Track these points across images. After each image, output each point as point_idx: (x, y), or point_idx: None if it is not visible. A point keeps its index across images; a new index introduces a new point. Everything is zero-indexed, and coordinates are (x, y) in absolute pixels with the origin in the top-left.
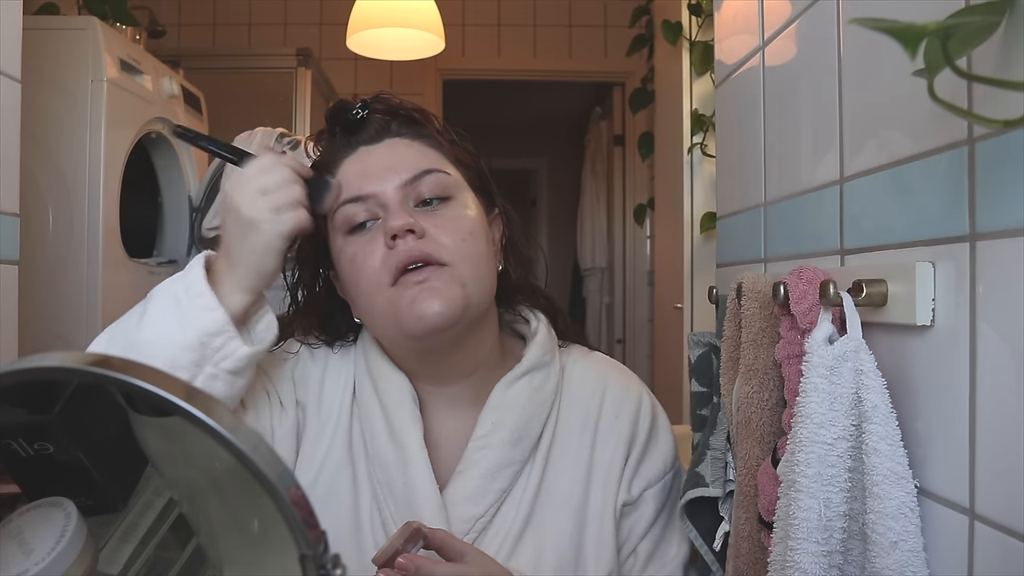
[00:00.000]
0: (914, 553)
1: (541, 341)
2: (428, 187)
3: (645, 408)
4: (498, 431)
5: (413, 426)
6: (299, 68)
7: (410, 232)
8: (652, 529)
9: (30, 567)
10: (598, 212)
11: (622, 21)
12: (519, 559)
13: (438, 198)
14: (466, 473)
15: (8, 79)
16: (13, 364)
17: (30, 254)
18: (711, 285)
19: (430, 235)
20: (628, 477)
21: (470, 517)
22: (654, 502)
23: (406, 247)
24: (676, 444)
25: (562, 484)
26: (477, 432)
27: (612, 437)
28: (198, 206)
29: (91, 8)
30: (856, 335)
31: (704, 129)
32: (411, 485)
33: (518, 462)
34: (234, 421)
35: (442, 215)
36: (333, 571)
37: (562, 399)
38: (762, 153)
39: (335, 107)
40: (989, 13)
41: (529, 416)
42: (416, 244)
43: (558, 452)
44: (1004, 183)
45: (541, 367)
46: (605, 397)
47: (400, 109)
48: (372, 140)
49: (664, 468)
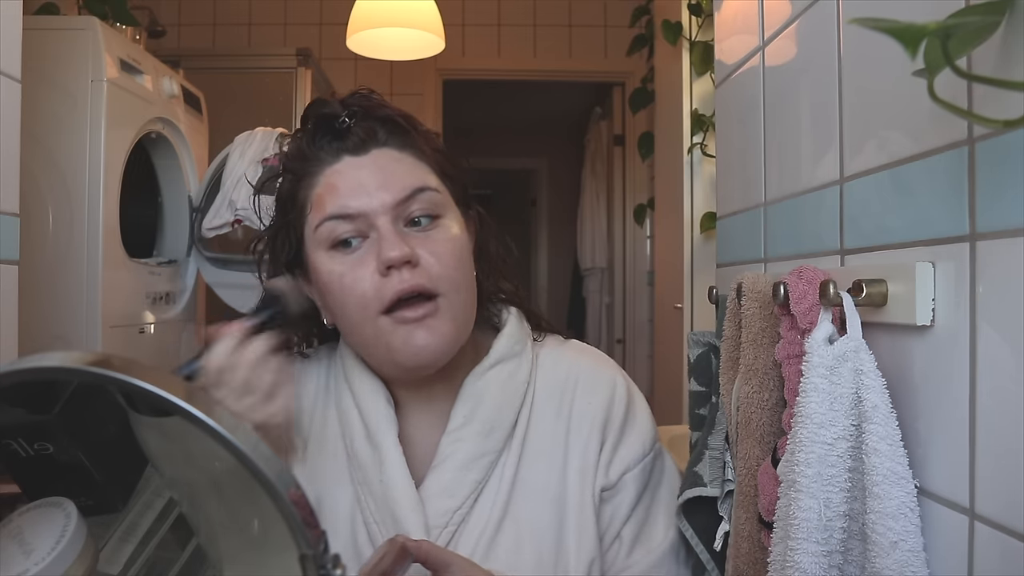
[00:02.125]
0: (914, 553)
1: (509, 332)
2: (419, 206)
3: (620, 392)
4: (470, 423)
5: (388, 427)
6: (299, 68)
7: (407, 263)
8: (635, 512)
9: (30, 567)
10: (598, 212)
11: (622, 21)
12: (498, 550)
13: (428, 216)
14: (441, 467)
15: (8, 79)
16: (13, 364)
17: (30, 254)
18: (711, 285)
19: (423, 264)
20: (605, 462)
21: (447, 510)
22: (634, 485)
23: (400, 278)
24: (655, 427)
25: (539, 473)
26: (450, 426)
27: (585, 423)
28: (198, 206)
29: (91, 8)
30: (856, 335)
31: (704, 129)
32: (388, 483)
33: (492, 452)
34: (234, 421)
35: (432, 238)
36: (333, 571)
37: (536, 388)
38: (762, 153)
39: (314, 107)
40: (989, 13)
41: (500, 406)
42: (411, 276)
43: (533, 441)
44: (1004, 183)
45: (511, 357)
46: (578, 383)
47: (386, 116)
48: (357, 150)
49: (643, 451)
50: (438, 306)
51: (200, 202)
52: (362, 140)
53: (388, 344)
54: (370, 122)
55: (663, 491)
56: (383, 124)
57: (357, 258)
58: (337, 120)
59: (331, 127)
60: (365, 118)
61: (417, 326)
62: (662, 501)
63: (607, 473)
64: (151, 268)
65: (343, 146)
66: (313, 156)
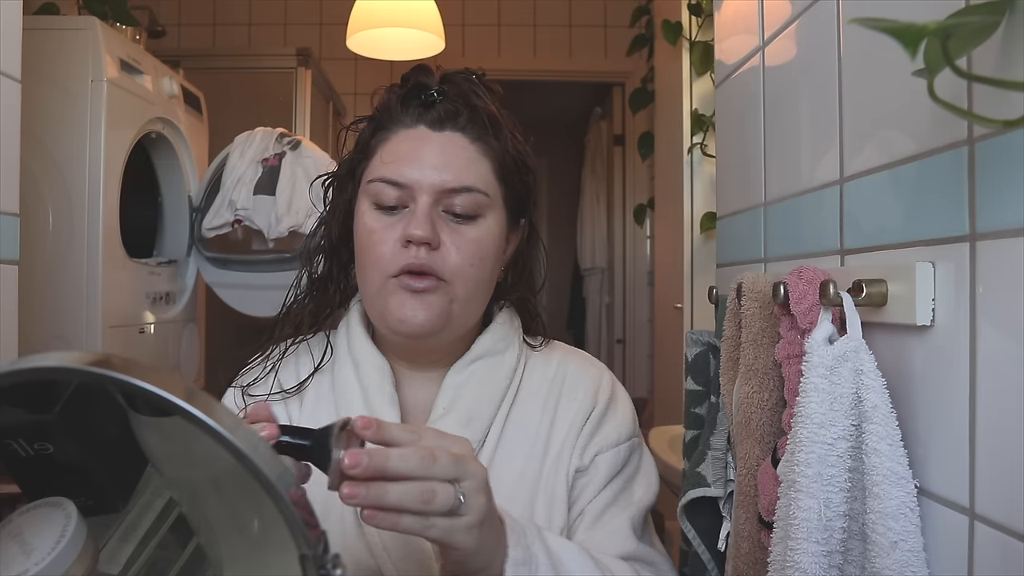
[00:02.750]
0: (914, 553)
1: (494, 330)
2: (462, 203)
3: (605, 384)
4: (449, 413)
5: (391, 409)
6: (299, 68)
7: (426, 244)
8: (603, 493)
9: (30, 567)
10: (598, 212)
11: (622, 21)
12: None
13: (468, 214)
14: None
15: (8, 79)
16: (13, 364)
17: (30, 254)
18: (711, 285)
19: (443, 251)
20: (582, 445)
21: None
22: (605, 466)
23: (416, 254)
24: (636, 424)
25: (517, 460)
26: (432, 416)
27: (569, 414)
28: (198, 206)
29: (91, 8)
30: (856, 335)
31: (704, 129)
32: None
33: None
34: (234, 421)
35: (462, 234)
36: (333, 571)
37: (521, 384)
38: (762, 153)
39: (416, 71)
40: (989, 13)
41: (479, 397)
42: (427, 256)
43: (511, 434)
44: (1004, 183)
45: (493, 354)
46: (565, 381)
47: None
48: (434, 125)
49: (618, 438)
50: (440, 287)
51: (200, 202)
52: (441, 117)
53: (385, 303)
54: (457, 104)
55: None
56: (468, 109)
57: (391, 223)
58: (428, 91)
59: (421, 94)
60: (455, 98)
61: (413, 296)
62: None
63: (582, 456)
64: (151, 268)
65: (424, 116)
66: (396, 114)
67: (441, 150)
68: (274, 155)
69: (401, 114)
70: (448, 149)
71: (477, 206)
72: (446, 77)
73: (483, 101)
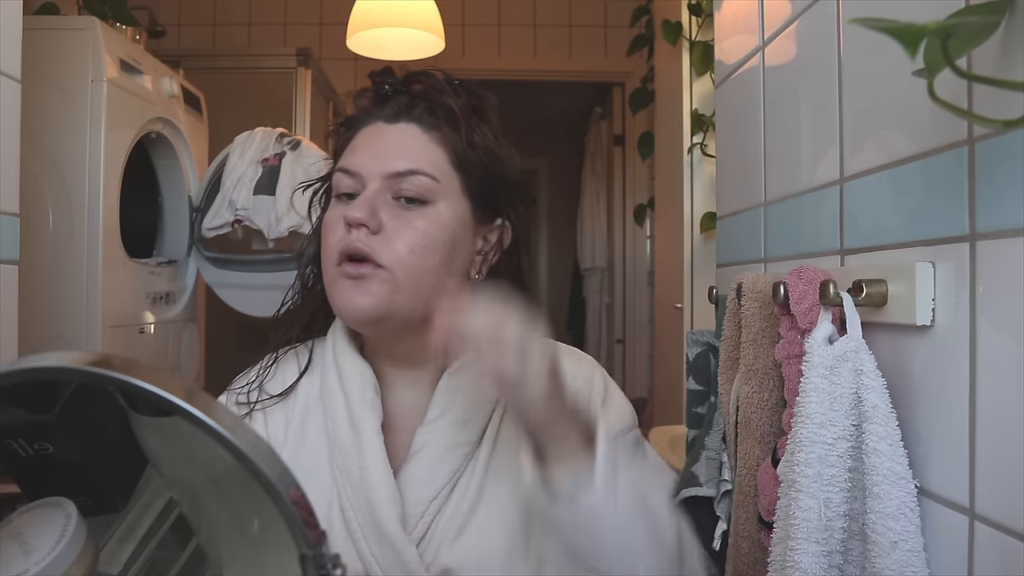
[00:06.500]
0: (914, 553)
1: None
2: (409, 187)
3: (597, 380)
4: (446, 415)
5: (371, 414)
6: (299, 68)
7: (363, 226)
8: None
9: (30, 567)
10: (598, 212)
11: (622, 21)
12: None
13: (416, 200)
14: (416, 456)
15: (8, 79)
16: (13, 364)
17: (30, 254)
18: (711, 285)
19: (384, 235)
20: None
21: (424, 499)
22: None
23: (355, 238)
24: (633, 413)
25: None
26: (428, 417)
27: None
28: (198, 206)
29: (91, 8)
30: (856, 335)
31: (704, 129)
32: (366, 469)
33: (467, 444)
34: (234, 421)
35: (408, 220)
36: (333, 571)
37: None
38: (762, 153)
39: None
40: (989, 13)
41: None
42: (364, 240)
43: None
44: (1004, 183)
45: None
46: None
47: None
48: (389, 118)
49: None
50: (377, 274)
51: (200, 202)
52: (397, 111)
53: (331, 292)
54: (410, 97)
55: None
56: (425, 103)
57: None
58: (382, 86)
59: (377, 92)
60: (414, 93)
61: (353, 283)
62: None
63: None
64: (151, 268)
65: (381, 112)
66: (360, 116)
67: (395, 139)
68: (274, 155)
69: (363, 115)
70: (402, 138)
71: (426, 191)
72: (409, 76)
73: (442, 96)
